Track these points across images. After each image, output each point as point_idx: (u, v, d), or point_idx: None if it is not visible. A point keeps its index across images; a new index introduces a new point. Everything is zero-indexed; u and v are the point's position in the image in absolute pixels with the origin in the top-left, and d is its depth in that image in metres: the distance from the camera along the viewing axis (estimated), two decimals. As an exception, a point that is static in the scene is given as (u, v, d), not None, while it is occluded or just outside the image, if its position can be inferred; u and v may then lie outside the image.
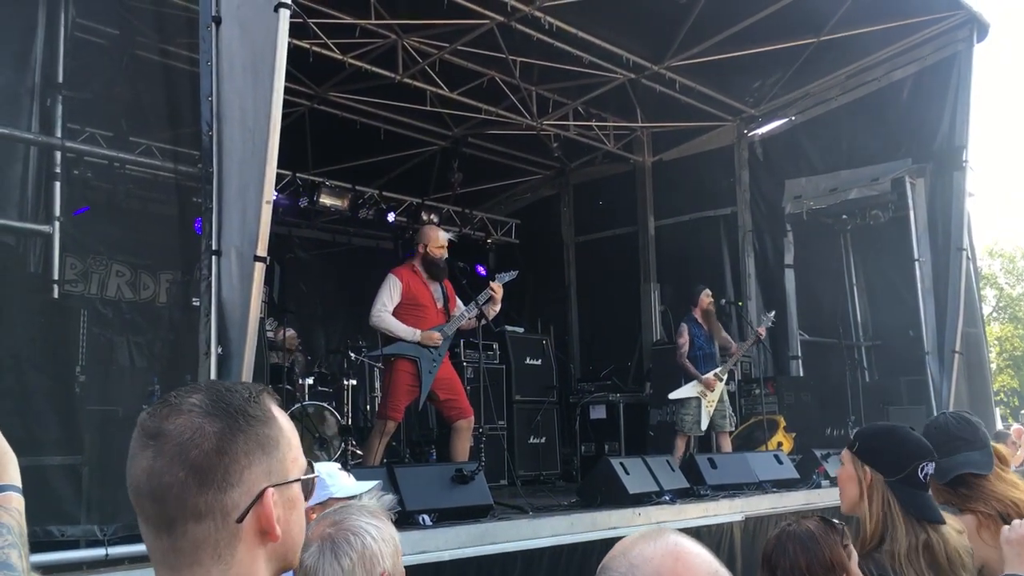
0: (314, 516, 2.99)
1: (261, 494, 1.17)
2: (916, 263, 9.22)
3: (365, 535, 1.96)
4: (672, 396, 8.35)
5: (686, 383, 8.30)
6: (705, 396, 8.23)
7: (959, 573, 2.32)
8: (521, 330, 10.45)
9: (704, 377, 8.23)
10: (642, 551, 1.15)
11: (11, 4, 4.80)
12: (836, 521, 2.16)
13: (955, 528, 2.43)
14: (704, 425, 8.24)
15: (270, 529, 1.18)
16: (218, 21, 4.16)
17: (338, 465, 3.16)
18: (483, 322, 6.72)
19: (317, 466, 3.13)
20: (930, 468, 2.42)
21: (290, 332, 8.62)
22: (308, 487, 1.27)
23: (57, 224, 4.78)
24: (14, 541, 1.38)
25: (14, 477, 1.48)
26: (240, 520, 1.15)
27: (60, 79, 4.95)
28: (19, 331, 4.13)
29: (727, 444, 8.41)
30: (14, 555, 1.36)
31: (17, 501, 1.46)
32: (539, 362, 10.10)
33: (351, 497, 2.96)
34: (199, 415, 1.15)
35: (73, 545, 3.65)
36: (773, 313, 9.06)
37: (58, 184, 4.90)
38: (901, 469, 2.42)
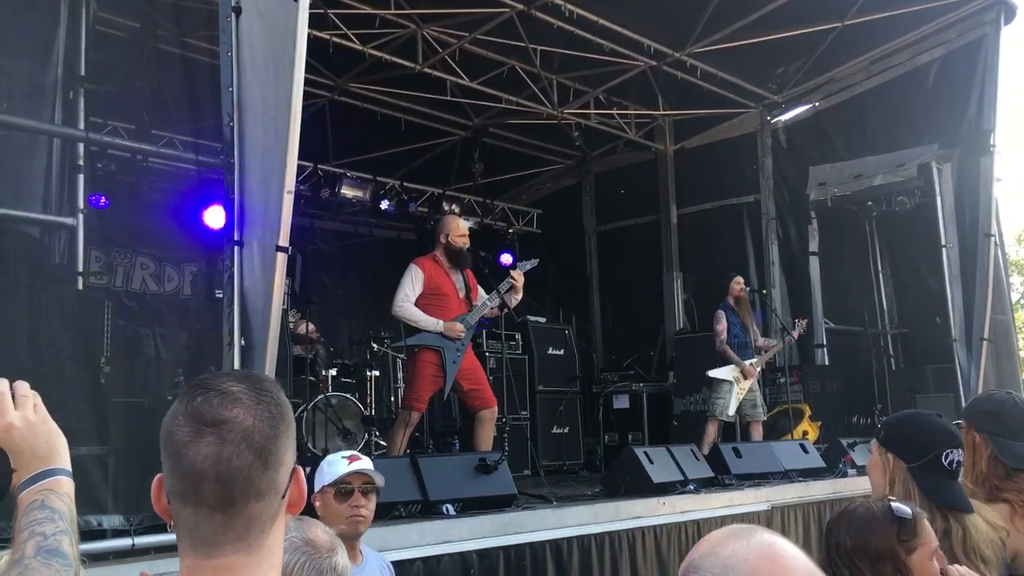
0: (318, 503, 3.03)
1: (294, 471, 1.30)
2: (943, 249, 9.12)
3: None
4: (711, 374, 8.30)
5: (720, 366, 8.29)
6: (738, 382, 8.20)
7: (977, 565, 2.26)
8: (543, 320, 10.43)
9: (744, 364, 8.21)
10: (735, 550, 1.08)
11: (33, -2, 4.83)
12: (907, 510, 2.09)
13: (988, 518, 2.39)
14: (731, 411, 8.21)
15: (301, 501, 1.32)
16: (238, 11, 4.16)
17: (346, 453, 3.15)
18: (505, 311, 6.70)
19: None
20: (957, 455, 2.37)
21: (311, 325, 8.64)
22: None
23: (81, 216, 4.80)
24: (65, 528, 1.37)
25: (65, 461, 1.46)
26: (283, 496, 1.27)
27: (82, 72, 4.97)
28: (44, 322, 4.16)
29: (759, 433, 8.38)
30: (65, 542, 1.35)
31: (68, 486, 1.44)
32: (562, 352, 10.08)
33: (339, 480, 2.99)
34: (252, 403, 1.25)
35: (100, 535, 3.68)
36: (805, 321, 9.06)
37: (81, 176, 4.92)
38: (922, 455, 2.37)
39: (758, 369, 8.41)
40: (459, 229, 6.77)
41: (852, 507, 2.13)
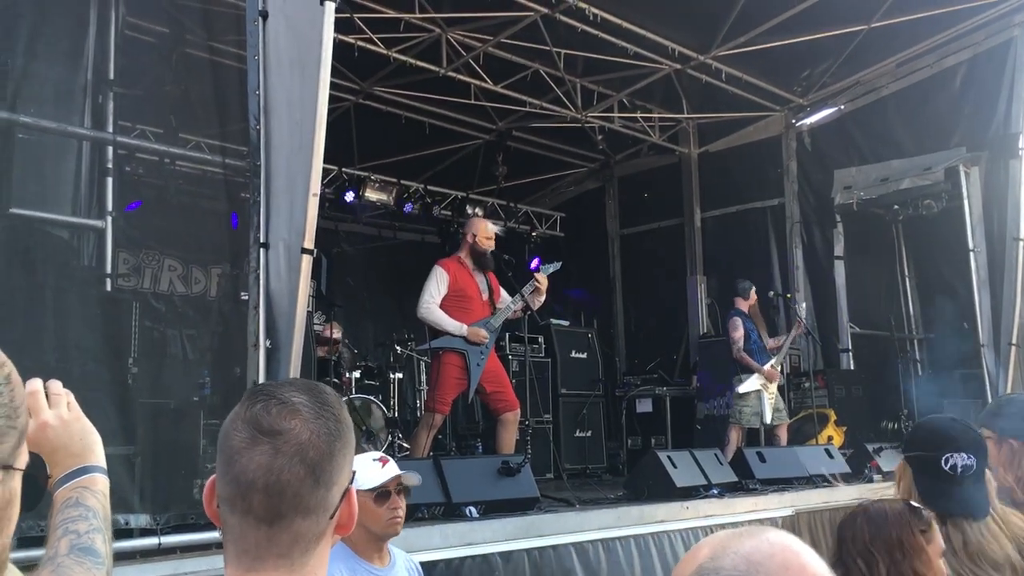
0: None
1: (347, 491, 1.26)
2: (971, 254, 9.00)
3: None
4: (740, 389, 8.22)
5: (744, 378, 8.22)
6: (766, 388, 8.15)
7: (986, 572, 2.24)
8: (566, 323, 10.42)
9: (766, 368, 8.16)
10: (757, 547, 1.04)
11: (64, 2, 4.89)
12: (924, 507, 2.13)
13: (1019, 522, 2.36)
14: (768, 417, 8.15)
15: (351, 523, 1.28)
16: (265, 16, 4.18)
17: (375, 455, 3.15)
18: (528, 313, 6.71)
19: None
20: (960, 459, 2.34)
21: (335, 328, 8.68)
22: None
23: (109, 219, 4.86)
24: (98, 525, 1.36)
25: (100, 458, 1.45)
26: (332, 516, 1.24)
27: (111, 76, 5.03)
28: (73, 323, 4.21)
29: (785, 436, 8.33)
30: (98, 540, 1.35)
31: (102, 483, 1.43)
32: (585, 355, 10.07)
33: (376, 488, 2.98)
34: (312, 417, 1.22)
35: (127, 534, 3.71)
36: (804, 305, 8.99)
37: (110, 180, 4.98)
38: (919, 456, 2.39)
39: (778, 367, 8.36)
40: (487, 231, 6.82)
41: (865, 505, 2.17)
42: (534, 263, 11.47)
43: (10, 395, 1.06)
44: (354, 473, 1.32)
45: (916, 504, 2.14)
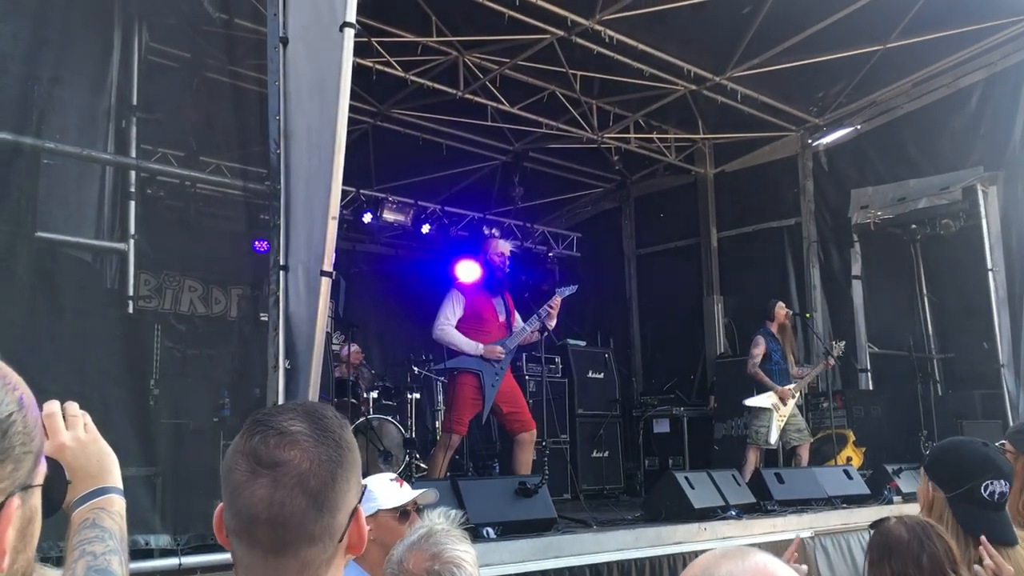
0: (370, 526, 3.03)
1: (355, 513, 1.27)
2: (989, 273, 8.97)
3: (464, 564, 2.13)
4: (747, 403, 8.22)
5: (758, 394, 8.19)
6: (778, 409, 8.11)
7: None
8: (583, 343, 10.42)
9: (780, 388, 8.12)
10: (730, 571, 1.05)
11: (88, 29, 4.98)
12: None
13: None
14: (773, 439, 8.12)
15: (361, 544, 1.28)
16: (285, 42, 4.25)
17: (391, 475, 3.18)
18: (544, 334, 6.73)
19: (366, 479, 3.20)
20: (999, 486, 2.33)
21: (354, 347, 8.73)
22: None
23: (132, 242, 4.93)
24: (115, 547, 1.36)
25: (117, 479, 1.45)
26: (341, 540, 1.24)
27: (134, 101, 5.11)
28: (96, 345, 4.26)
29: (807, 455, 8.29)
30: (115, 562, 1.35)
31: (119, 504, 1.43)
32: (601, 376, 10.07)
33: (399, 507, 3.00)
34: (311, 445, 1.21)
35: (147, 554, 3.74)
36: (843, 343, 8.90)
37: (133, 203, 5.05)
38: (958, 486, 2.36)
39: (796, 395, 8.31)
40: (496, 247, 6.84)
41: (903, 517, 2.14)
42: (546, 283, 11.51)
43: (23, 421, 1.05)
44: (364, 489, 1.32)
45: (967, 539, 2.12)
